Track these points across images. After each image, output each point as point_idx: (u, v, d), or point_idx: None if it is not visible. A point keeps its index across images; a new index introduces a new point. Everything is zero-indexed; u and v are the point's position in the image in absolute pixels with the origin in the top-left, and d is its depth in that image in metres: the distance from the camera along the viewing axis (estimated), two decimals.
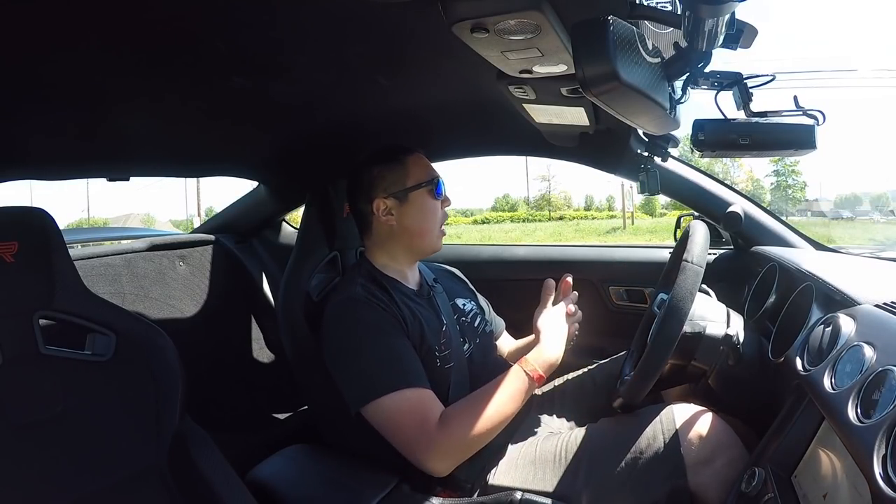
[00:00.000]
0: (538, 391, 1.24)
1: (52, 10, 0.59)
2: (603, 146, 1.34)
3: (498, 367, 1.14)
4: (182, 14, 0.65)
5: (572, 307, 1.05)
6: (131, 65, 0.78)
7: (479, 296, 1.28)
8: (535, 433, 1.07)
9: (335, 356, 0.98)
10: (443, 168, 1.14)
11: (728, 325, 0.95)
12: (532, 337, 1.19)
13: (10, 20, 0.60)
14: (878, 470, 0.49)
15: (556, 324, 0.99)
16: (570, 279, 1.07)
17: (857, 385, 0.59)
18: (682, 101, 0.81)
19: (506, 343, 1.32)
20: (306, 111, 1.11)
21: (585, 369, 1.28)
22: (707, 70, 0.71)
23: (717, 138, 0.83)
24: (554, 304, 1.05)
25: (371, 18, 0.70)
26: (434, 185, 1.06)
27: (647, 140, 1.26)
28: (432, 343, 1.00)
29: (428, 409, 0.89)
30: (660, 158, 1.30)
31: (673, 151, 1.30)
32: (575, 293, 1.07)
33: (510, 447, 1.01)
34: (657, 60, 0.66)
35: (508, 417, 0.90)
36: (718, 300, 1.04)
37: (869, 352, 0.63)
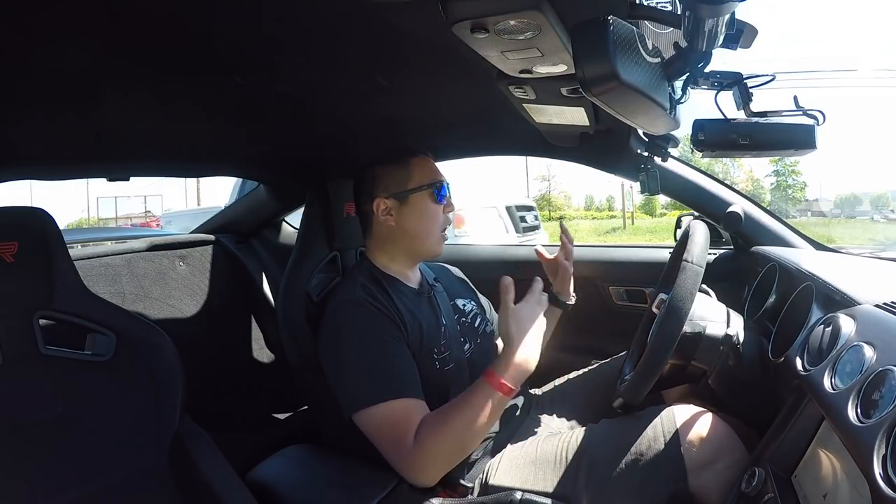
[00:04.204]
0: (538, 391, 1.24)
1: (51, 9, 0.59)
2: (603, 146, 1.33)
3: None
4: (182, 14, 0.65)
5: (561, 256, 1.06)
6: (131, 65, 0.78)
7: (479, 295, 1.28)
8: (535, 433, 1.07)
9: (330, 360, 0.99)
10: (442, 168, 1.14)
11: (728, 325, 0.95)
12: None
13: (10, 20, 0.60)
14: (878, 470, 0.49)
15: (525, 322, 0.86)
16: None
17: (857, 385, 0.59)
18: (682, 101, 0.81)
19: None
20: (306, 111, 1.11)
21: (585, 369, 1.28)
22: (707, 70, 0.71)
23: (717, 138, 0.83)
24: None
25: (371, 18, 0.69)
26: (436, 189, 1.06)
27: (647, 140, 1.26)
28: (431, 344, 1.00)
29: (411, 423, 0.88)
30: (660, 158, 1.30)
31: (673, 151, 1.30)
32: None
33: (510, 447, 1.01)
34: (657, 60, 0.66)
35: (483, 431, 0.85)
36: (718, 300, 1.04)
37: (869, 352, 0.63)
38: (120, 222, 17.31)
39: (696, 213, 1.44)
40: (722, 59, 0.73)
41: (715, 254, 1.46)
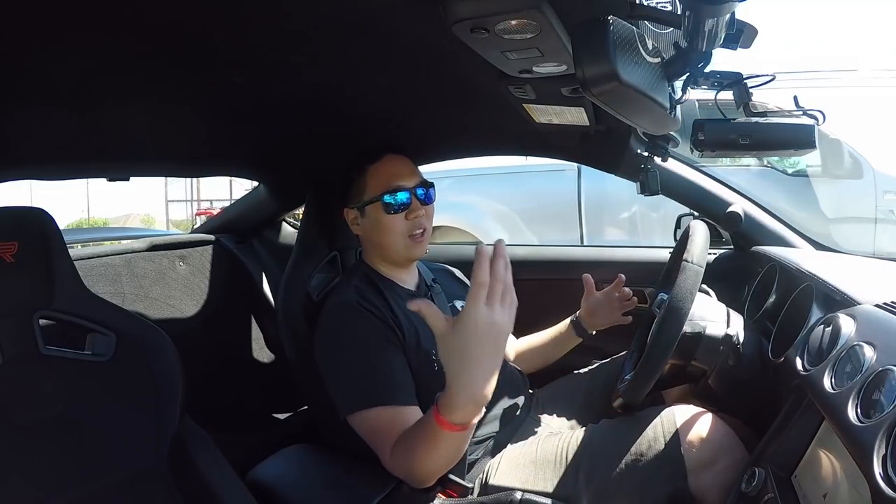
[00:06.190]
0: (538, 391, 1.24)
1: (51, 8, 0.59)
2: (603, 146, 1.33)
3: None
4: (181, 13, 0.65)
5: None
6: (131, 64, 0.78)
7: None
8: (535, 433, 1.07)
9: (323, 361, 0.99)
10: (443, 168, 1.13)
11: (728, 325, 0.95)
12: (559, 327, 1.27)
13: (9, 19, 0.60)
14: (878, 470, 0.49)
15: (468, 348, 0.64)
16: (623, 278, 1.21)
17: (857, 385, 0.59)
18: (682, 101, 0.81)
19: (511, 344, 1.32)
20: (306, 111, 1.11)
21: (585, 369, 1.28)
22: (707, 70, 0.71)
23: (717, 138, 0.83)
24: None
25: (370, 18, 0.69)
26: (387, 200, 1.00)
27: (647, 140, 1.26)
28: (428, 346, 0.99)
29: (392, 433, 0.85)
30: (660, 158, 1.30)
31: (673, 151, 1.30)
32: None
33: (510, 447, 1.01)
34: (657, 60, 0.66)
35: (450, 458, 0.77)
36: (718, 300, 1.04)
37: (869, 352, 0.63)
38: (197, 206, 11.15)
39: (697, 213, 1.45)
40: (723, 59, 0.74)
41: (715, 254, 1.46)
